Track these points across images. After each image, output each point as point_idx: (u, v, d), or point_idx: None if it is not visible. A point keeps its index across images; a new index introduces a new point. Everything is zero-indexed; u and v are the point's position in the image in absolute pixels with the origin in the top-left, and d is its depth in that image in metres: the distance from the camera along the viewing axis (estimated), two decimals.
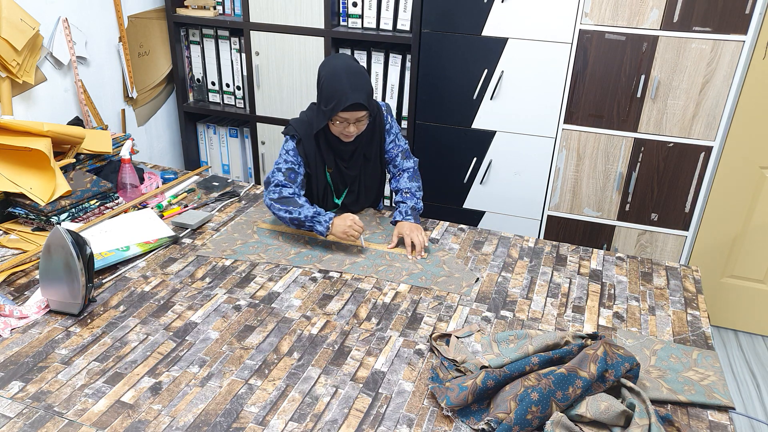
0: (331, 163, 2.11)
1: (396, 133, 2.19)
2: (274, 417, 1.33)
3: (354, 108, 1.92)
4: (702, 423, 1.37)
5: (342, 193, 2.20)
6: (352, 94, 1.90)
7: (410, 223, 2.05)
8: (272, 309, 1.69)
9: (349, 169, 2.14)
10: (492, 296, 1.79)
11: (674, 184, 2.63)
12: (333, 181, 2.16)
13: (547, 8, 2.49)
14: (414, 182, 2.18)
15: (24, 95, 2.37)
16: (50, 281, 1.60)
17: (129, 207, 2.15)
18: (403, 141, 2.21)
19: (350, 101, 1.89)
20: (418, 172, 2.22)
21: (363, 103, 1.92)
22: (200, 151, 3.38)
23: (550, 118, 2.67)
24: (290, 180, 2.05)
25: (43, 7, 2.37)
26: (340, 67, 1.95)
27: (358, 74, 1.96)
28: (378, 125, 2.13)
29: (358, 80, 1.94)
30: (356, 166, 2.15)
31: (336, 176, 2.15)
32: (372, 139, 2.13)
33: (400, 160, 2.19)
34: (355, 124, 1.98)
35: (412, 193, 2.16)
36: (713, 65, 2.40)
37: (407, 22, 2.77)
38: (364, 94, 1.93)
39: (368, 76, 2.01)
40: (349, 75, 1.94)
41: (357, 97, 1.90)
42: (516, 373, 1.37)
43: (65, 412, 1.33)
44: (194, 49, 3.14)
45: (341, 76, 1.93)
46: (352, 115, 1.95)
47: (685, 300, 1.81)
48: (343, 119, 1.95)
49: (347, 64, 1.98)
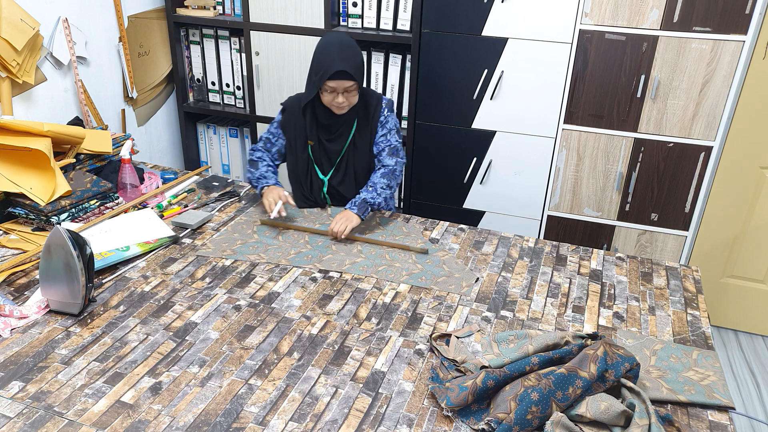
0: (314, 137, 2.17)
1: (390, 129, 2.20)
2: (274, 417, 1.33)
3: (340, 76, 2.01)
4: (702, 423, 1.37)
5: (327, 172, 2.22)
6: (339, 63, 2.00)
7: (348, 212, 2.07)
8: (272, 309, 1.69)
9: (331, 144, 2.19)
10: (492, 296, 1.79)
11: (674, 184, 2.63)
12: (315, 155, 2.21)
13: (547, 8, 2.49)
14: (384, 179, 2.16)
15: (24, 95, 2.37)
16: (50, 281, 1.60)
17: (129, 207, 2.15)
18: (395, 138, 2.21)
19: (336, 68, 1.99)
20: (397, 172, 2.20)
21: (348, 71, 2.00)
22: (200, 151, 3.38)
23: (550, 118, 2.67)
24: (265, 149, 2.27)
25: (43, 7, 2.37)
26: (332, 41, 2.06)
27: (347, 47, 2.05)
28: (373, 115, 2.18)
29: (346, 51, 2.03)
30: (340, 142, 2.19)
31: (318, 151, 2.20)
32: (366, 127, 2.19)
33: (385, 155, 2.19)
34: (343, 95, 2.06)
35: (375, 187, 2.14)
36: (713, 65, 2.40)
37: (407, 22, 2.77)
38: (352, 65, 2.01)
39: (360, 51, 2.08)
40: (338, 47, 2.04)
41: (343, 66, 1.99)
42: (516, 373, 1.37)
43: (65, 412, 1.33)
44: (194, 49, 3.14)
45: (331, 48, 2.03)
46: (340, 84, 2.03)
47: (685, 300, 1.81)
48: (332, 89, 2.04)
49: (339, 39, 2.07)
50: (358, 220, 2.06)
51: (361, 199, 2.10)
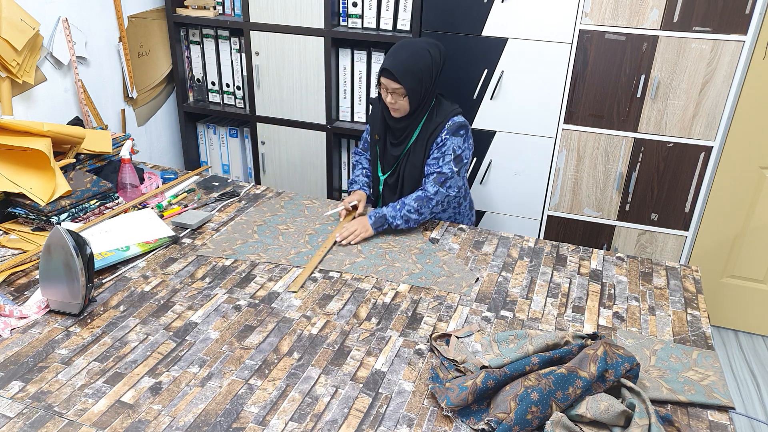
0: (381, 133, 2.20)
1: (445, 153, 2.09)
2: (274, 417, 1.34)
3: (385, 74, 2.02)
4: (702, 423, 1.37)
5: (386, 171, 2.25)
6: (388, 60, 2.02)
7: (362, 220, 2.05)
8: (272, 309, 1.69)
9: (392, 148, 2.20)
10: (492, 296, 1.79)
11: (674, 184, 2.63)
12: (380, 151, 2.24)
13: (547, 8, 2.49)
14: (415, 203, 2.06)
15: (24, 95, 2.37)
16: (50, 281, 1.60)
17: (129, 207, 2.15)
18: (448, 167, 2.08)
19: (383, 65, 2.01)
20: (434, 202, 2.07)
21: (392, 71, 1.99)
22: (200, 151, 3.38)
23: (550, 118, 2.67)
24: (363, 149, 2.37)
25: (43, 7, 2.37)
26: (403, 42, 2.07)
27: (406, 48, 2.04)
28: (432, 132, 2.12)
29: (403, 52, 2.03)
30: (401, 148, 2.19)
31: (382, 149, 2.23)
32: (422, 141, 2.14)
33: (430, 180, 2.09)
34: (392, 95, 2.06)
35: (402, 207, 2.06)
36: (713, 65, 2.40)
37: (407, 22, 2.77)
38: (400, 66, 2.00)
39: (424, 58, 2.03)
40: (400, 47, 2.05)
41: (388, 64, 2.01)
42: (516, 373, 1.37)
43: (65, 412, 1.33)
44: (194, 49, 3.14)
45: (395, 47, 2.05)
46: (388, 83, 2.04)
47: (685, 300, 1.81)
48: (383, 85, 2.06)
49: (409, 41, 2.08)
50: (371, 232, 2.04)
51: (381, 214, 2.05)
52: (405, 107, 2.08)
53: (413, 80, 2.02)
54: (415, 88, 2.03)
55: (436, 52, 2.07)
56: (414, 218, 2.06)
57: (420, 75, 2.02)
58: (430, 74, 2.06)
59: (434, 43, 2.09)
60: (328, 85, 2.91)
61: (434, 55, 2.06)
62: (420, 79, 2.03)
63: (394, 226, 2.06)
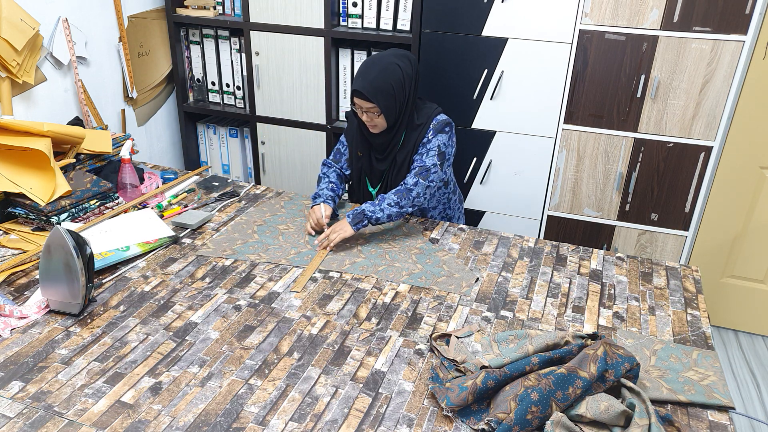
0: (364, 149, 2.15)
1: (430, 149, 2.07)
2: (274, 417, 1.34)
3: (357, 95, 1.98)
4: (702, 423, 1.37)
5: (376, 185, 2.22)
6: (357, 81, 1.97)
7: (343, 222, 1.99)
8: (272, 309, 1.69)
9: (377, 163, 2.16)
10: (492, 296, 1.79)
11: (674, 184, 2.63)
12: (365, 167, 2.19)
13: (547, 8, 2.49)
14: (395, 196, 2.02)
15: (24, 95, 2.37)
16: (50, 281, 1.60)
17: (129, 207, 2.15)
18: (431, 159, 2.06)
19: (354, 86, 1.98)
20: (414, 193, 2.03)
21: (362, 92, 1.95)
22: (200, 151, 3.38)
23: (550, 118, 2.67)
24: (334, 160, 2.26)
25: (43, 7, 2.37)
26: (371, 59, 2.02)
27: (375, 65, 1.99)
28: (419, 135, 2.09)
29: (371, 71, 1.97)
30: (384, 164, 2.16)
31: (366, 164, 2.18)
32: (408, 145, 2.10)
33: (411, 173, 2.06)
34: (367, 114, 2.01)
35: (381, 202, 2.02)
36: (713, 65, 2.40)
37: (407, 22, 2.77)
38: (370, 86, 1.95)
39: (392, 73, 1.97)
40: (367, 65, 2.00)
41: (358, 85, 1.97)
42: (516, 373, 1.37)
43: (65, 412, 1.33)
44: (194, 49, 3.14)
45: (364, 64, 2.01)
46: (361, 103, 2.00)
47: (685, 300, 1.81)
48: (357, 105, 2.02)
49: (378, 57, 2.03)
50: (351, 232, 1.97)
51: (360, 210, 2.00)
52: (382, 124, 2.03)
53: (386, 98, 1.96)
54: (389, 105, 1.98)
55: (405, 64, 2.01)
56: (395, 211, 2.01)
57: (392, 91, 1.97)
58: (403, 88, 2.00)
59: (403, 54, 2.04)
60: (328, 85, 2.92)
61: (404, 67, 2.00)
62: (393, 96, 1.98)
63: (374, 220, 2.00)
